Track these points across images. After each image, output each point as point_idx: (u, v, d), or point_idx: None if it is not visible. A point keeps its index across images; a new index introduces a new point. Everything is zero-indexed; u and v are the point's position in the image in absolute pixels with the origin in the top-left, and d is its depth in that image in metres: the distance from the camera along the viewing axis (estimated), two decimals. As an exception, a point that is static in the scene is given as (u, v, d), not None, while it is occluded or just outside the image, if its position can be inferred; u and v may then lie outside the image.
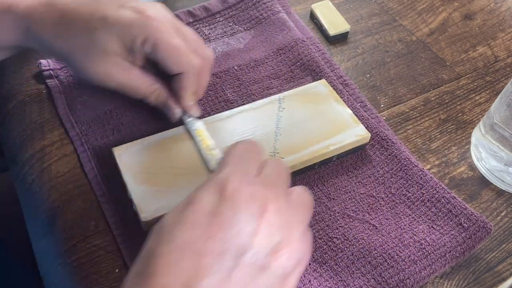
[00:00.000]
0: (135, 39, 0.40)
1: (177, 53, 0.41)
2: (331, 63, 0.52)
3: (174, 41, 0.41)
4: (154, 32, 0.40)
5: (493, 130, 0.43)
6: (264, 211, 0.28)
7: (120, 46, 0.40)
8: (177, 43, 0.41)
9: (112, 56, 0.40)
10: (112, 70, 0.41)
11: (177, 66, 0.42)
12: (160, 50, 0.40)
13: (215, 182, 0.30)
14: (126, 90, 0.43)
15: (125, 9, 0.40)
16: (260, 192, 0.29)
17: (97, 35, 0.40)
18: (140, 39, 0.40)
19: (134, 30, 0.40)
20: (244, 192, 0.29)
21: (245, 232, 0.28)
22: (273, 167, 0.33)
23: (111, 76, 0.42)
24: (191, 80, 0.43)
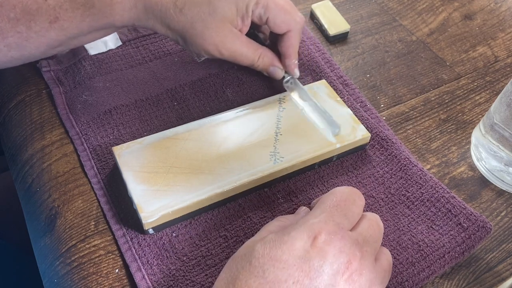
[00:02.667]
0: (249, 3, 0.44)
1: (285, 12, 0.45)
2: (331, 63, 0.52)
3: (281, 2, 0.45)
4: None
5: (493, 130, 0.43)
6: (347, 268, 0.30)
7: (235, 13, 0.43)
8: (283, 3, 0.45)
9: (227, 24, 0.43)
10: (227, 38, 0.44)
11: (286, 24, 0.45)
12: (271, 10, 0.44)
13: (310, 228, 0.31)
14: (237, 57, 0.46)
15: None
16: (348, 248, 0.30)
17: (216, 3, 0.42)
18: (254, 2, 0.44)
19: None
20: (333, 245, 0.30)
21: (326, 284, 0.29)
22: (368, 223, 0.34)
23: (226, 44, 0.44)
24: (297, 37, 0.47)
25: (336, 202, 0.34)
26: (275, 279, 0.29)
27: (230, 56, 0.45)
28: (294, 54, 0.47)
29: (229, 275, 0.30)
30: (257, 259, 0.30)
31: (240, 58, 0.46)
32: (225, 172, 0.41)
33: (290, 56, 0.47)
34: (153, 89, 0.49)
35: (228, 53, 0.45)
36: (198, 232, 0.40)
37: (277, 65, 0.47)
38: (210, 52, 0.44)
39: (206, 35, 0.43)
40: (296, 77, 0.48)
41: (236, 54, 0.45)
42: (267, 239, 0.31)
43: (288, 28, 0.46)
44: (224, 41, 0.44)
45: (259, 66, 0.47)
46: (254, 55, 0.46)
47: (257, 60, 0.46)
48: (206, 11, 0.42)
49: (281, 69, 0.48)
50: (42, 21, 0.40)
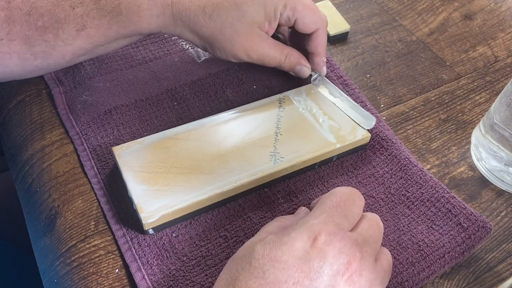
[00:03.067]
0: (277, 6, 0.44)
1: (313, 11, 0.46)
2: (331, 63, 0.52)
3: (307, 2, 0.45)
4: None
5: (493, 130, 0.43)
6: (347, 268, 0.30)
7: (263, 16, 0.44)
8: (310, 3, 0.46)
9: (256, 28, 0.44)
10: (256, 42, 0.44)
11: (314, 24, 0.46)
12: (299, 11, 0.45)
13: (310, 229, 0.31)
14: (265, 60, 0.46)
15: None
16: (348, 249, 0.30)
17: (245, 8, 0.43)
18: (281, 5, 0.44)
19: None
20: (333, 246, 0.30)
21: (326, 285, 0.29)
22: (368, 223, 0.34)
23: (255, 47, 0.45)
24: (325, 35, 0.47)
25: (336, 202, 0.34)
26: (275, 280, 0.29)
27: (258, 59, 0.46)
28: (323, 51, 0.48)
29: (229, 276, 0.30)
30: (257, 260, 0.30)
31: (267, 60, 0.46)
32: (225, 172, 0.41)
33: (320, 54, 0.48)
34: (153, 89, 0.49)
35: (257, 56, 0.45)
36: (198, 232, 0.40)
37: (303, 64, 0.48)
38: (238, 57, 0.45)
39: (235, 40, 0.43)
40: (323, 75, 0.48)
41: (264, 57, 0.46)
42: (267, 240, 0.31)
43: (317, 27, 0.46)
44: (253, 45, 0.44)
45: (286, 66, 0.47)
46: (281, 55, 0.46)
47: (284, 61, 0.47)
48: (235, 16, 0.42)
49: (307, 68, 0.48)
50: (69, 29, 0.40)
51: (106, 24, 0.41)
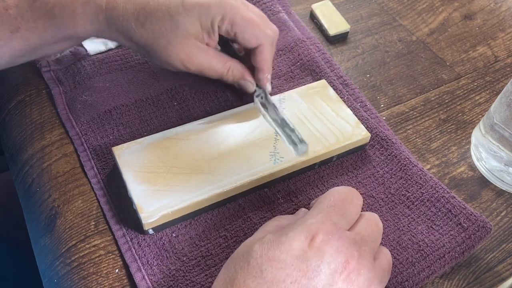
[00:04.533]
0: (214, 19, 0.42)
1: (254, 26, 0.43)
2: (331, 63, 0.52)
3: (249, 15, 0.43)
4: (230, 10, 0.42)
5: (493, 130, 0.43)
6: (344, 267, 0.30)
7: (199, 28, 0.42)
8: (252, 16, 0.43)
9: (192, 39, 0.42)
10: (192, 53, 0.43)
11: (255, 39, 0.44)
12: (238, 25, 0.43)
13: (307, 228, 0.31)
14: (205, 71, 0.45)
15: None
16: (346, 248, 0.30)
17: (179, 19, 0.41)
18: (219, 18, 0.42)
19: (212, 11, 0.42)
20: (331, 245, 0.30)
21: (323, 284, 0.29)
22: (367, 222, 0.34)
23: (191, 59, 0.43)
24: (269, 50, 0.45)
25: (333, 202, 0.34)
26: (273, 279, 0.29)
27: (197, 70, 0.44)
28: (267, 68, 0.45)
29: (227, 276, 0.30)
30: (255, 259, 0.30)
31: (208, 71, 0.45)
32: (225, 172, 0.41)
33: (263, 70, 0.45)
34: (153, 89, 0.49)
35: (195, 68, 0.44)
36: (198, 232, 0.40)
37: (247, 78, 0.46)
38: (176, 67, 0.44)
39: (170, 50, 0.42)
40: (268, 92, 0.46)
41: (204, 68, 0.44)
42: (265, 240, 0.31)
43: (258, 43, 0.44)
44: (190, 56, 0.43)
45: (229, 79, 0.46)
46: (223, 68, 0.45)
47: (226, 74, 0.45)
48: (168, 27, 0.41)
49: (251, 83, 0.46)
50: (3, 31, 0.40)
51: (41, 27, 0.40)
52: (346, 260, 0.30)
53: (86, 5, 0.41)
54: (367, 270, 0.31)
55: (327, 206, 0.33)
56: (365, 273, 0.30)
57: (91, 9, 0.41)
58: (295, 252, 0.30)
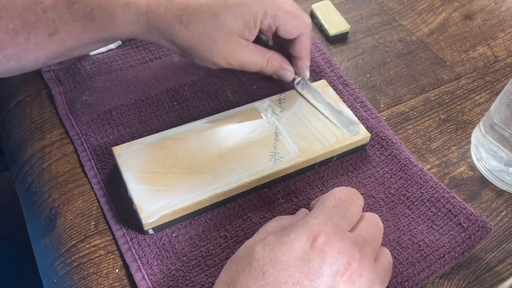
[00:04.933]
0: (257, 15, 0.42)
1: (295, 17, 0.44)
2: (331, 63, 0.52)
3: (289, 8, 0.44)
4: (272, 5, 0.43)
5: (493, 130, 0.43)
6: (346, 269, 0.30)
7: (242, 25, 0.42)
8: (292, 8, 0.44)
9: (235, 36, 0.43)
10: (236, 50, 0.43)
11: (297, 29, 0.45)
12: (280, 19, 0.43)
13: (309, 229, 0.31)
14: (246, 66, 0.45)
15: None
16: (347, 249, 0.30)
17: (223, 18, 0.41)
18: (262, 14, 0.43)
19: (255, 7, 0.42)
20: (332, 246, 0.30)
21: (325, 285, 0.29)
22: (367, 223, 0.34)
23: (235, 55, 0.43)
24: (309, 39, 0.46)
25: (334, 203, 0.34)
26: (275, 280, 0.29)
27: (239, 66, 0.45)
28: (307, 56, 0.47)
29: (229, 277, 0.30)
30: (256, 260, 0.30)
31: (249, 66, 0.45)
32: (225, 172, 0.41)
33: (303, 58, 0.47)
34: (153, 89, 0.49)
35: (237, 63, 0.44)
36: (198, 232, 0.40)
37: (286, 67, 0.47)
38: (218, 64, 0.44)
39: (214, 49, 0.42)
40: (306, 78, 0.47)
41: (245, 63, 0.45)
42: (266, 241, 0.31)
43: (300, 32, 0.45)
44: (232, 53, 0.43)
45: (269, 71, 0.46)
46: (263, 61, 0.45)
47: (266, 66, 0.46)
48: (213, 26, 0.41)
49: (290, 72, 0.47)
50: (41, 33, 0.40)
51: (79, 29, 0.40)
52: (347, 261, 0.30)
53: (126, 8, 0.41)
54: (369, 271, 0.31)
55: (329, 207, 0.33)
56: (366, 274, 0.30)
57: (131, 12, 0.41)
58: (296, 253, 0.30)
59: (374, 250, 0.33)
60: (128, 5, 0.41)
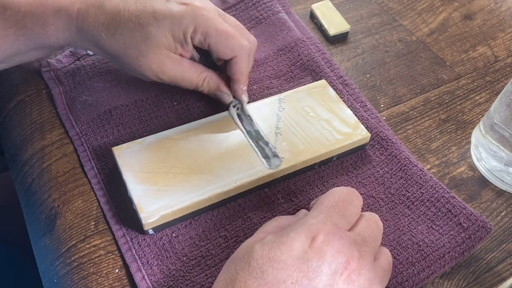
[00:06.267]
0: (186, 30, 0.41)
1: (229, 37, 0.42)
2: (331, 63, 0.52)
3: (223, 27, 0.42)
4: (203, 21, 0.41)
5: (493, 130, 0.43)
6: (345, 268, 0.30)
7: (171, 39, 0.41)
8: (226, 28, 0.42)
9: (164, 50, 0.42)
10: (165, 64, 0.42)
11: (230, 50, 0.43)
12: (212, 37, 0.42)
13: (308, 228, 0.31)
14: (178, 82, 0.44)
15: (172, 3, 0.42)
16: (346, 248, 0.30)
17: (149, 30, 0.41)
18: (191, 29, 0.41)
19: (185, 22, 0.41)
20: (332, 245, 0.30)
21: (324, 284, 0.29)
22: (367, 222, 0.34)
23: (164, 70, 0.43)
24: (245, 62, 0.44)
25: (334, 202, 0.34)
26: (274, 279, 0.29)
27: (170, 81, 0.44)
28: (242, 79, 0.45)
29: (228, 277, 0.30)
30: (255, 260, 0.30)
31: (182, 82, 0.44)
32: (225, 172, 0.41)
33: (238, 81, 0.45)
34: (153, 89, 0.49)
35: (168, 79, 0.43)
36: (198, 232, 0.40)
37: (223, 90, 0.45)
38: (148, 77, 0.43)
39: (141, 61, 0.42)
40: (244, 103, 0.45)
41: (177, 79, 0.44)
42: (265, 240, 0.31)
43: (233, 54, 0.43)
44: (162, 67, 0.42)
45: (204, 90, 0.45)
46: (198, 79, 0.44)
47: (202, 85, 0.45)
48: (139, 37, 0.41)
49: (227, 94, 0.45)
50: None
51: (12, 35, 0.40)
52: (346, 261, 0.30)
53: (57, 15, 0.41)
54: (368, 271, 0.31)
55: (328, 206, 0.33)
56: (365, 274, 0.30)
57: (62, 19, 0.41)
58: (296, 252, 0.30)
59: (374, 249, 0.33)
60: (60, 11, 0.41)
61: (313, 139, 0.43)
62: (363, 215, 0.35)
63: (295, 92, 0.47)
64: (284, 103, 0.46)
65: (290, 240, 0.30)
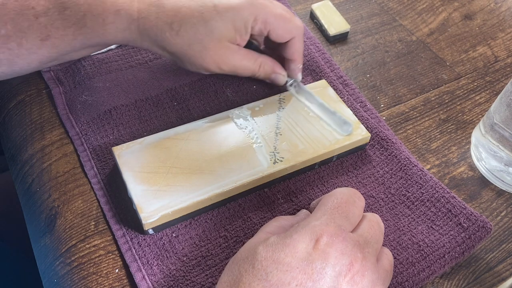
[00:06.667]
0: (247, 21, 0.43)
1: (286, 21, 0.44)
2: (331, 63, 0.52)
3: (280, 12, 0.44)
4: (262, 9, 0.43)
5: (493, 130, 0.43)
6: (349, 270, 0.30)
7: (232, 31, 0.43)
8: (282, 13, 0.44)
9: (226, 42, 0.43)
10: (227, 55, 0.44)
11: (289, 33, 0.45)
12: (271, 23, 0.43)
13: (311, 230, 0.31)
14: (238, 71, 0.45)
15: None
16: (350, 250, 0.30)
17: (213, 24, 0.42)
18: (252, 19, 0.43)
19: (245, 13, 0.42)
20: (335, 248, 0.30)
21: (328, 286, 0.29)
22: (369, 223, 0.34)
23: (226, 60, 0.44)
24: (301, 42, 0.46)
25: (336, 204, 0.34)
26: (278, 282, 0.29)
27: (230, 71, 0.45)
28: (299, 58, 0.47)
29: (232, 278, 0.30)
30: (260, 262, 0.30)
31: (240, 70, 0.45)
32: (225, 172, 0.41)
33: (296, 61, 0.47)
34: (153, 89, 0.49)
35: (229, 68, 0.45)
36: (198, 232, 0.40)
37: (278, 71, 0.47)
38: (210, 70, 0.44)
39: (205, 55, 0.43)
40: (299, 80, 0.48)
41: (237, 68, 0.45)
42: (269, 242, 0.31)
43: (292, 36, 0.45)
44: (224, 58, 0.43)
45: (261, 75, 0.47)
46: (255, 65, 0.46)
47: (258, 70, 0.46)
48: (203, 32, 0.42)
49: (282, 75, 0.47)
50: (33, 39, 0.40)
51: (71, 35, 0.41)
52: (350, 262, 0.30)
53: (117, 15, 0.41)
54: (371, 272, 0.31)
55: (331, 208, 0.33)
56: (369, 275, 0.31)
57: (122, 19, 0.41)
58: (300, 254, 0.30)
59: (376, 250, 0.33)
60: (120, 12, 0.41)
61: (313, 139, 0.43)
62: (365, 216, 0.35)
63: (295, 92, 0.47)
64: (284, 103, 0.46)
65: (293, 242, 0.30)
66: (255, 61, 0.45)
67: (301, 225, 0.32)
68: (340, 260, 0.30)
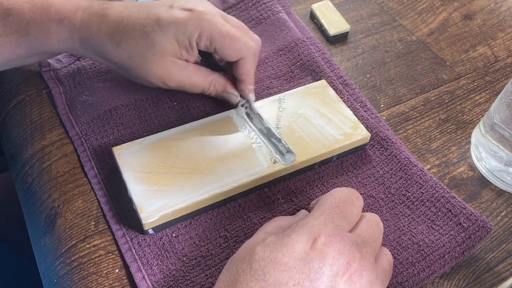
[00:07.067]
0: (191, 35, 0.41)
1: (234, 40, 0.42)
2: (331, 63, 0.52)
3: (228, 30, 0.42)
4: (208, 26, 0.41)
5: (493, 130, 0.43)
6: (346, 269, 0.30)
7: (176, 46, 0.41)
8: (231, 30, 0.42)
9: (169, 57, 0.42)
10: (171, 70, 0.42)
11: (236, 52, 0.43)
12: (217, 41, 0.42)
13: (309, 230, 0.31)
14: (185, 87, 0.44)
15: (175, 9, 0.41)
16: (347, 250, 0.30)
17: (154, 38, 0.41)
18: (196, 35, 0.41)
19: (189, 27, 0.41)
20: (333, 247, 0.30)
21: (326, 286, 0.29)
22: (368, 223, 0.34)
23: (170, 76, 0.43)
24: (251, 62, 0.44)
25: (335, 203, 0.34)
26: (276, 281, 0.29)
27: (177, 87, 0.44)
28: (249, 79, 0.45)
29: (229, 278, 0.30)
30: (257, 262, 0.30)
31: (189, 87, 0.44)
32: (225, 172, 0.41)
33: (245, 82, 0.45)
34: (153, 89, 0.49)
35: (175, 84, 0.43)
36: (198, 232, 0.40)
37: (230, 91, 0.45)
38: (154, 84, 0.43)
39: (147, 68, 0.42)
40: (251, 101, 0.46)
41: (184, 84, 0.44)
42: (267, 242, 0.31)
43: (240, 56, 0.43)
44: (168, 73, 0.42)
45: (212, 93, 0.46)
46: (204, 83, 0.44)
47: (208, 88, 0.45)
48: (144, 45, 0.41)
49: (235, 95, 0.46)
50: None
51: (14, 42, 0.40)
52: (348, 262, 0.30)
53: (61, 24, 0.41)
54: (369, 272, 0.31)
55: (329, 207, 0.33)
56: (367, 275, 0.30)
57: (65, 28, 0.41)
58: (297, 254, 0.30)
59: (374, 250, 0.33)
60: (63, 21, 0.41)
61: (313, 139, 0.43)
62: (363, 216, 0.35)
63: (295, 92, 0.47)
64: (284, 103, 0.46)
65: (291, 242, 0.30)
66: (205, 79, 0.44)
67: (299, 224, 0.32)
68: (338, 259, 0.30)
